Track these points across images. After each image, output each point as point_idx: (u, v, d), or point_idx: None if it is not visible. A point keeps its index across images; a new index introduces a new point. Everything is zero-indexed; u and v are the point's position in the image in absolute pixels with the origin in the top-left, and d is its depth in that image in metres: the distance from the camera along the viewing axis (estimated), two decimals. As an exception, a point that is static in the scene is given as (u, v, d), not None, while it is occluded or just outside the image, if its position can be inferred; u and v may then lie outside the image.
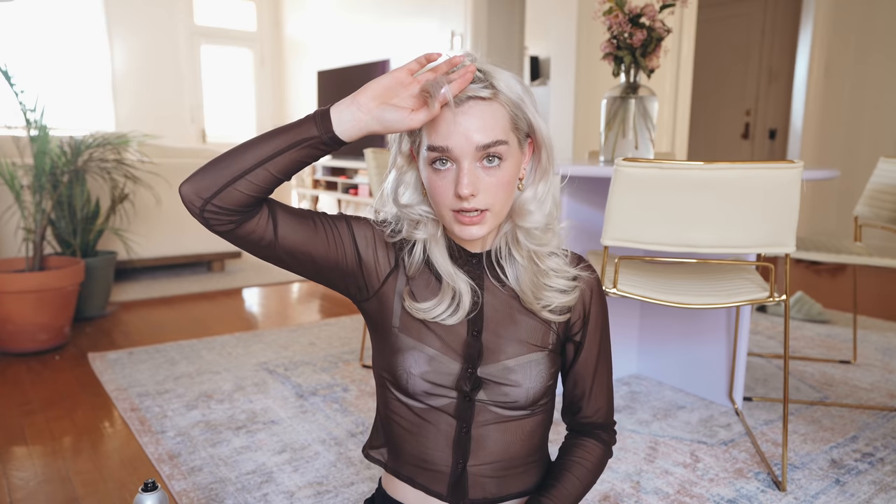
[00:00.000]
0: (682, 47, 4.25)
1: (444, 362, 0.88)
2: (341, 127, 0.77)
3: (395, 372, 0.90)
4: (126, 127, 6.33)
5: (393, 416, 0.94)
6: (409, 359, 0.88)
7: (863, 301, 3.34)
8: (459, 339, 0.89)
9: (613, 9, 2.03)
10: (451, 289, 0.88)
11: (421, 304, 0.89)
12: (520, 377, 0.89)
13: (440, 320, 0.88)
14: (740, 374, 1.99)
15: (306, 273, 0.89)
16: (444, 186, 0.81)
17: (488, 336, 0.90)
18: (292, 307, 3.32)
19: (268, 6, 7.62)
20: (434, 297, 0.89)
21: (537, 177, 0.89)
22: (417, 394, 0.89)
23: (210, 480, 1.54)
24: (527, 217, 0.87)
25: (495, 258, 0.91)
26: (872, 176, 2.48)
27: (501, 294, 0.91)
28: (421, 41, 5.51)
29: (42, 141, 2.59)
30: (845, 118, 4.85)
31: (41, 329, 2.45)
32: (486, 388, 0.89)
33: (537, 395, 0.90)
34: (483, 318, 0.90)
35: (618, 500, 1.48)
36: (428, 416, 0.91)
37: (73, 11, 6.33)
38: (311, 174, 6.86)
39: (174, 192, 3.64)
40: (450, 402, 0.89)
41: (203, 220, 0.79)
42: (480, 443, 0.91)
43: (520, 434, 0.92)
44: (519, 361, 0.89)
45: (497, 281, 0.91)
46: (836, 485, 1.56)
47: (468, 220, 0.82)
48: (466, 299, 0.88)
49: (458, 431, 0.90)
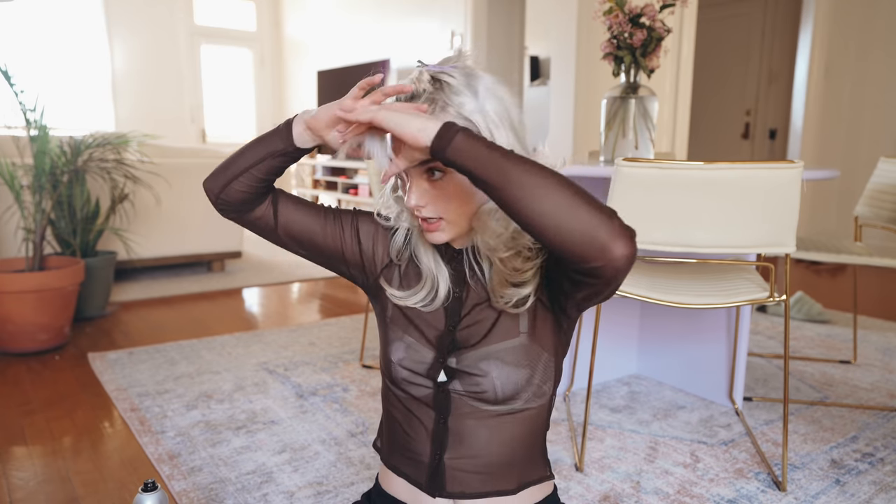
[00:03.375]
0: (683, 47, 4.25)
1: (419, 350, 0.92)
2: (301, 140, 0.86)
3: (384, 360, 0.95)
4: (126, 127, 6.33)
5: (389, 407, 0.98)
6: (392, 347, 0.93)
7: (863, 301, 3.34)
8: (436, 330, 0.92)
9: (613, 9, 2.03)
10: (430, 279, 0.92)
11: (397, 292, 0.94)
12: (488, 367, 0.88)
13: (419, 307, 0.93)
14: (740, 374, 1.99)
15: (313, 258, 0.97)
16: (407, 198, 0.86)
17: (463, 328, 0.91)
18: (292, 307, 3.32)
19: (268, 6, 7.62)
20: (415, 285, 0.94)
21: None
22: (399, 381, 0.93)
23: (210, 480, 1.54)
24: (484, 229, 0.85)
25: (473, 256, 0.92)
26: (872, 176, 2.48)
27: (475, 289, 0.92)
28: (421, 41, 5.51)
29: (42, 141, 2.59)
30: (845, 118, 4.85)
31: (41, 329, 2.45)
32: (459, 378, 0.89)
33: (510, 387, 0.88)
34: (460, 311, 0.92)
35: (618, 500, 1.48)
36: (413, 407, 0.93)
37: (73, 11, 6.33)
38: (312, 174, 6.87)
39: (174, 192, 3.65)
40: (428, 393, 0.91)
41: (218, 209, 0.92)
42: (458, 436, 0.91)
43: (501, 433, 0.91)
44: (489, 350, 0.88)
45: (474, 279, 0.92)
46: (836, 485, 1.56)
47: (427, 227, 0.86)
48: (443, 289, 0.92)
49: (436, 422, 0.92)
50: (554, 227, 0.69)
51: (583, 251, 0.69)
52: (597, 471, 1.62)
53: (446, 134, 0.73)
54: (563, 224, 0.69)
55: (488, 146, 0.73)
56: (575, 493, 1.51)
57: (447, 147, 0.73)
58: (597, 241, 0.68)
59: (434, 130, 0.74)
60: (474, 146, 0.72)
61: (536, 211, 0.70)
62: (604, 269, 0.69)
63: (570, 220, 0.68)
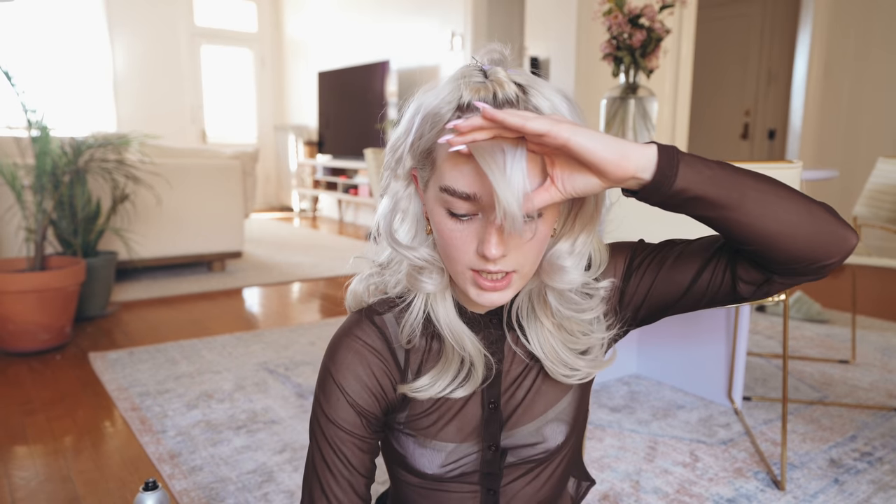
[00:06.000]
0: (682, 48, 4.26)
1: (462, 450, 0.76)
2: None
3: (406, 465, 0.79)
4: (127, 127, 6.35)
5: (403, 483, 0.82)
6: (422, 457, 0.76)
7: (862, 301, 3.34)
8: (475, 418, 0.75)
9: (613, 9, 2.03)
10: (457, 355, 0.72)
11: (418, 383, 0.72)
12: (548, 433, 0.77)
13: (447, 395, 0.73)
14: (739, 373, 2.00)
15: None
16: (464, 239, 0.64)
17: (507, 402, 0.76)
18: (292, 307, 3.33)
19: (268, 7, 7.63)
20: (434, 368, 0.73)
21: (577, 226, 0.70)
22: (435, 479, 0.78)
23: (211, 480, 1.55)
24: (559, 276, 0.69)
25: (516, 318, 0.74)
26: (871, 176, 2.49)
27: (517, 350, 0.76)
28: (421, 41, 5.52)
29: (43, 141, 2.60)
30: (844, 118, 4.85)
31: (42, 329, 2.46)
32: (512, 454, 0.78)
33: (564, 438, 0.80)
34: (500, 384, 0.76)
35: (617, 500, 1.49)
36: (447, 487, 0.78)
37: (74, 12, 6.34)
38: (312, 174, 6.87)
39: (175, 193, 3.66)
40: (473, 473, 0.78)
41: None
42: (508, 497, 0.80)
43: (549, 478, 0.82)
44: (546, 418, 0.77)
45: (513, 338, 0.75)
46: (834, 484, 1.56)
47: (490, 286, 0.65)
48: (479, 367, 0.71)
49: (484, 495, 0.79)
50: (790, 236, 0.63)
51: (824, 251, 0.64)
52: (596, 470, 1.62)
53: (671, 160, 0.60)
54: (800, 232, 0.63)
55: (707, 163, 0.62)
56: (574, 492, 1.52)
57: (675, 176, 0.60)
58: (836, 238, 0.63)
59: (644, 158, 0.60)
60: (698, 166, 0.61)
61: (775, 225, 0.62)
62: (835, 262, 0.65)
63: (807, 227, 0.63)
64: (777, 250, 0.64)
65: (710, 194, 0.61)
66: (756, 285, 0.69)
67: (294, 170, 7.34)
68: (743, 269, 0.69)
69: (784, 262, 0.64)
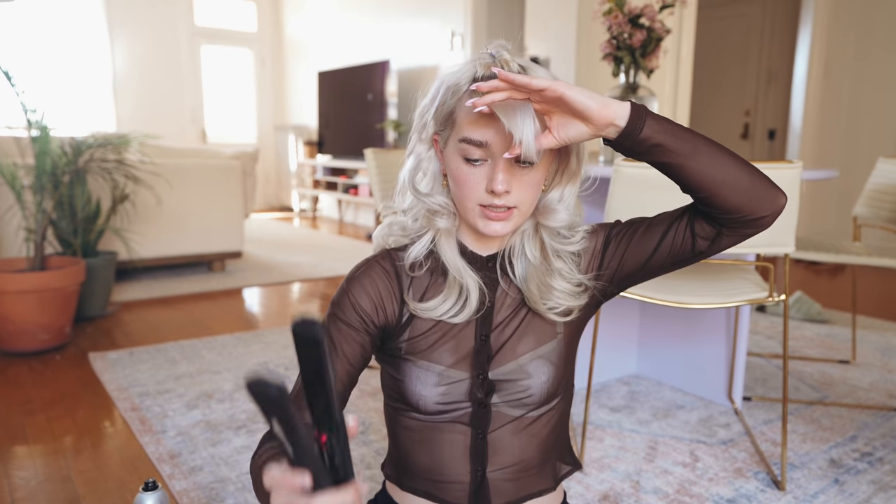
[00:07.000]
0: (682, 48, 4.26)
1: (454, 375, 0.87)
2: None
3: (404, 394, 0.89)
4: (127, 127, 6.34)
5: (401, 430, 0.93)
6: (417, 381, 0.87)
7: (862, 301, 3.34)
8: (468, 346, 0.88)
9: (613, 9, 2.03)
10: (457, 284, 0.87)
11: (425, 304, 0.87)
12: (533, 369, 0.87)
13: (447, 318, 0.86)
14: (740, 373, 1.99)
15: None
16: (476, 180, 0.81)
17: (496, 337, 0.88)
18: (292, 307, 3.32)
19: (268, 7, 7.63)
20: (439, 294, 0.87)
21: (564, 179, 0.88)
22: (430, 412, 0.88)
23: (211, 480, 1.55)
24: (552, 216, 0.87)
25: (507, 257, 0.90)
26: (871, 176, 2.49)
27: (510, 293, 0.90)
28: (421, 41, 5.52)
29: (43, 141, 2.60)
30: (844, 118, 4.85)
31: (42, 329, 2.46)
32: (499, 389, 0.87)
33: (553, 387, 0.89)
34: (492, 320, 0.89)
35: (617, 500, 1.49)
36: (440, 428, 0.89)
37: (74, 12, 6.34)
38: (312, 174, 6.87)
39: (174, 192, 3.66)
40: (464, 413, 0.88)
41: None
42: (496, 447, 0.89)
43: (535, 436, 0.90)
44: (533, 354, 0.88)
45: (506, 281, 0.90)
46: (835, 484, 1.56)
47: (495, 216, 0.82)
48: (474, 296, 0.86)
49: (474, 439, 0.89)
50: (732, 186, 0.78)
51: (759, 205, 0.80)
52: (596, 470, 1.62)
53: (640, 112, 0.76)
54: (741, 184, 0.79)
55: (669, 121, 0.78)
56: (575, 492, 1.51)
57: (643, 125, 0.76)
58: (769, 194, 0.80)
59: (621, 109, 0.76)
60: (661, 121, 0.77)
61: (720, 174, 0.78)
62: (769, 217, 0.81)
63: (746, 180, 0.79)
64: (721, 197, 0.79)
65: (668, 143, 0.77)
66: (710, 240, 0.85)
67: (294, 170, 7.34)
68: (699, 226, 0.84)
69: (728, 210, 0.80)
